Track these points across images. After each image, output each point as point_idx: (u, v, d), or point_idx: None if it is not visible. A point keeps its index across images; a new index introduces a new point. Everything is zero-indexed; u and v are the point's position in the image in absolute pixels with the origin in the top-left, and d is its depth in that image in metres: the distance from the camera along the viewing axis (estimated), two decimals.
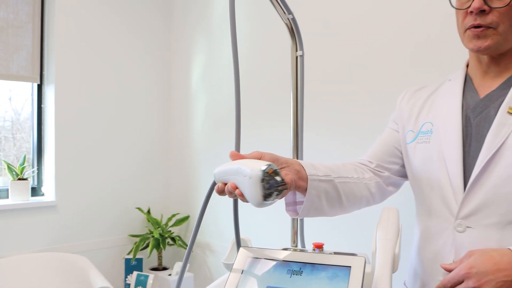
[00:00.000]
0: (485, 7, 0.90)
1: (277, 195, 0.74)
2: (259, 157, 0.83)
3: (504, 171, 0.89)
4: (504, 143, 0.89)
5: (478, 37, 0.93)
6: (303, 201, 0.95)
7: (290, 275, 0.83)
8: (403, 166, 1.13)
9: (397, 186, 1.15)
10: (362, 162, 1.12)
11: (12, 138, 2.73)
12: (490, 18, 0.91)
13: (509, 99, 0.92)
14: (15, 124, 2.75)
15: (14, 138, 2.74)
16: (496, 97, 0.95)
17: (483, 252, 0.81)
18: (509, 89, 0.94)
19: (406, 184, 1.15)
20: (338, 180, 1.00)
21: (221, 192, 0.83)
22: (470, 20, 0.93)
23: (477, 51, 0.95)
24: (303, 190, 0.92)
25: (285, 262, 0.85)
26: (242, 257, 0.90)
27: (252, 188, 0.73)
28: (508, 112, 0.91)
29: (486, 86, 0.99)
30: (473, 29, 0.93)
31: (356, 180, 1.06)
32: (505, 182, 0.89)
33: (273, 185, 0.73)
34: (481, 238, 0.90)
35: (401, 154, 1.12)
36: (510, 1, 0.90)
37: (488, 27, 0.91)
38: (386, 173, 1.11)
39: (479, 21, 0.91)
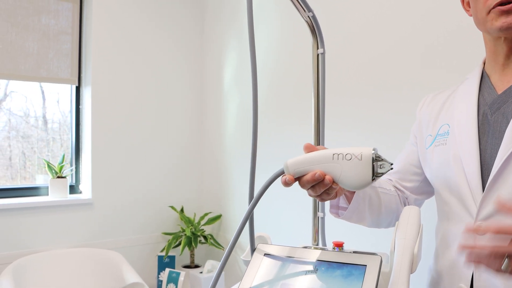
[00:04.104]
0: None
1: (381, 174, 0.78)
2: (316, 149, 0.83)
3: None
4: None
5: (508, 13, 0.87)
6: (345, 207, 1.01)
7: (305, 272, 0.83)
8: (422, 182, 1.11)
9: (418, 205, 1.15)
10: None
11: (59, 139, 2.85)
12: None
13: None
14: (62, 126, 2.87)
15: (62, 139, 2.86)
16: None
17: None
18: None
19: None
20: (380, 189, 1.05)
21: (289, 184, 0.81)
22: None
23: (506, 29, 0.88)
24: (350, 194, 0.97)
25: (301, 259, 0.86)
26: (259, 254, 0.90)
27: (361, 169, 0.77)
28: None
29: (504, 81, 0.94)
30: (500, 7, 0.87)
31: (393, 193, 1.10)
32: None
33: (382, 166, 0.77)
34: None
35: (420, 170, 1.11)
36: None
37: None
38: (407, 192, 1.13)
39: None
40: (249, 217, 0.86)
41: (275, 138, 2.50)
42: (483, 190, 0.88)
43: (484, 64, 1.02)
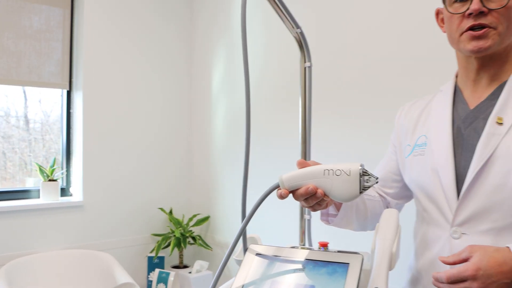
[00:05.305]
0: (484, 9, 0.92)
1: (368, 187, 0.85)
2: (309, 164, 0.91)
3: (495, 180, 0.91)
4: (494, 153, 0.92)
5: (478, 38, 0.94)
6: (334, 214, 1.09)
7: (293, 270, 0.90)
8: (401, 188, 1.19)
9: (398, 209, 1.23)
10: None
11: (41, 139, 2.84)
12: (489, 19, 0.93)
13: (498, 110, 0.94)
14: (44, 126, 2.86)
15: (44, 140, 2.86)
16: (485, 108, 0.98)
17: (485, 252, 0.83)
18: (497, 100, 0.96)
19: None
20: (365, 196, 1.13)
21: (284, 197, 0.88)
22: (468, 22, 0.94)
23: (477, 52, 0.95)
24: (339, 202, 1.06)
25: (290, 259, 0.92)
26: (250, 254, 0.97)
27: (349, 183, 0.84)
28: (497, 122, 0.93)
29: (475, 97, 1.02)
30: (471, 32, 0.95)
31: (377, 198, 1.18)
32: (496, 190, 0.91)
33: (368, 180, 0.85)
34: (476, 244, 0.92)
35: (399, 177, 1.18)
36: (506, 3, 0.92)
37: (489, 27, 0.93)
38: (388, 198, 1.21)
39: (479, 21, 0.93)
40: (246, 222, 0.93)
41: (265, 145, 2.57)
42: (458, 199, 0.96)
43: (457, 77, 1.09)
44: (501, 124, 0.94)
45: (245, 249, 0.99)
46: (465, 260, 0.85)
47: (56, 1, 2.77)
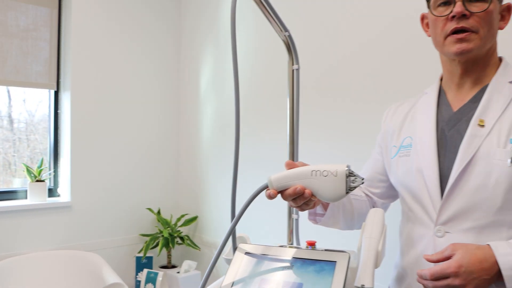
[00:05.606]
0: (466, 12, 0.96)
1: (354, 188, 0.87)
2: (297, 165, 0.93)
3: (476, 180, 0.95)
4: (475, 154, 0.95)
5: (461, 40, 0.98)
6: (321, 213, 1.12)
7: (282, 268, 0.92)
8: (387, 188, 1.22)
9: (384, 208, 1.26)
10: None
11: (26, 139, 2.82)
12: (471, 23, 0.97)
13: (479, 112, 0.98)
14: (29, 126, 2.84)
15: (28, 139, 2.83)
16: (468, 111, 1.01)
17: (467, 250, 0.87)
18: (479, 103, 1.00)
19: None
20: (352, 196, 1.16)
21: (273, 197, 0.90)
22: (452, 25, 0.98)
23: (460, 54, 0.99)
24: (326, 202, 1.08)
25: (279, 257, 0.94)
26: (240, 253, 0.99)
27: (336, 184, 0.86)
28: (479, 124, 0.97)
29: (459, 100, 1.05)
30: (455, 35, 0.99)
31: (363, 198, 1.21)
32: (478, 190, 0.95)
33: (354, 181, 0.87)
34: (459, 242, 0.95)
35: (385, 177, 1.21)
36: (487, 8, 0.96)
37: (471, 31, 0.97)
38: (375, 198, 1.24)
39: (462, 24, 0.97)
40: (235, 222, 0.95)
41: (254, 145, 2.59)
42: (442, 198, 1.00)
43: (441, 80, 1.13)
44: (482, 126, 0.97)
45: (235, 248, 1.01)
46: (448, 258, 0.89)
47: (43, 0, 2.75)
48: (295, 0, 2.34)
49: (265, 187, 0.92)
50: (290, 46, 1.22)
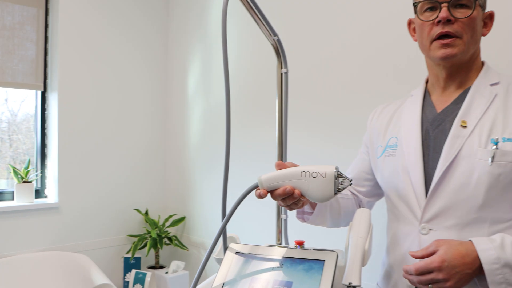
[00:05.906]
0: (451, 17, 1.00)
1: (342, 189, 0.89)
2: (286, 166, 0.95)
3: (459, 179, 0.98)
4: (458, 154, 0.99)
5: (446, 46, 1.02)
6: (309, 212, 1.16)
7: (272, 268, 0.94)
8: (373, 186, 1.26)
9: (369, 207, 1.30)
10: None
11: (8, 139, 2.78)
12: (455, 28, 1.01)
13: (462, 114, 1.02)
14: (11, 126, 2.80)
15: (11, 140, 2.79)
16: (451, 112, 1.05)
17: (450, 246, 0.91)
18: (462, 104, 1.04)
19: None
20: (339, 195, 1.19)
21: (262, 197, 0.92)
22: (437, 30, 1.02)
23: (445, 59, 1.03)
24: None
25: (268, 257, 0.96)
26: (230, 253, 1.01)
27: (325, 185, 0.88)
28: (461, 125, 1.01)
29: (443, 101, 1.09)
30: (440, 40, 1.03)
31: (350, 197, 1.25)
32: (461, 188, 0.98)
33: (342, 182, 0.89)
34: (443, 239, 0.99)
35: (371, 176, 1.25)
36: (470, 14, 1.01)
37: (455, 36, 1.01)
38: (360, 196, 1.28)
39: (447, 29, 1.01)
40: (226, 221, 0.97)
41: (244, 146, 2.61)
42: (426, 197, 1.03)
43: (427, 83, 1.17)
44: (465, 127, 1.01)
45: (225, 248, 1.02)
46: (432, 254, 0.93)
47: (30, 0, 2.73)
48: (282, 4, 2.37)
49: (255, 187, 0.94)
50: (279, 50, 1.24)
